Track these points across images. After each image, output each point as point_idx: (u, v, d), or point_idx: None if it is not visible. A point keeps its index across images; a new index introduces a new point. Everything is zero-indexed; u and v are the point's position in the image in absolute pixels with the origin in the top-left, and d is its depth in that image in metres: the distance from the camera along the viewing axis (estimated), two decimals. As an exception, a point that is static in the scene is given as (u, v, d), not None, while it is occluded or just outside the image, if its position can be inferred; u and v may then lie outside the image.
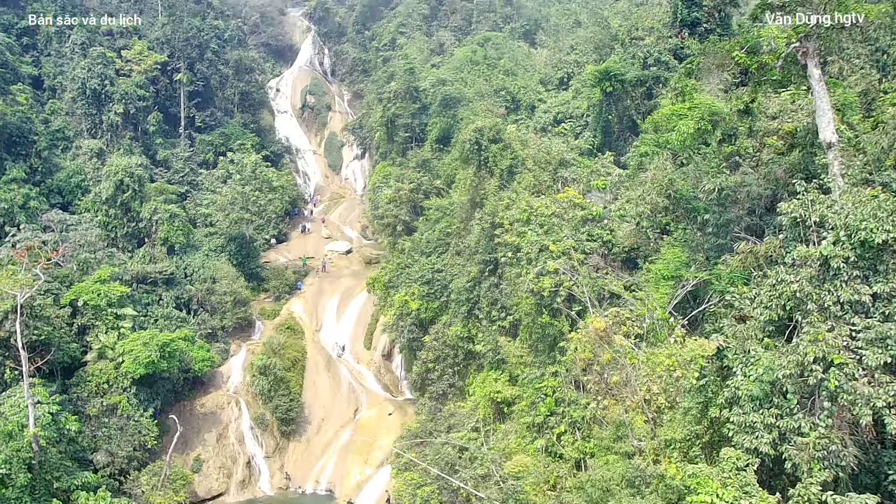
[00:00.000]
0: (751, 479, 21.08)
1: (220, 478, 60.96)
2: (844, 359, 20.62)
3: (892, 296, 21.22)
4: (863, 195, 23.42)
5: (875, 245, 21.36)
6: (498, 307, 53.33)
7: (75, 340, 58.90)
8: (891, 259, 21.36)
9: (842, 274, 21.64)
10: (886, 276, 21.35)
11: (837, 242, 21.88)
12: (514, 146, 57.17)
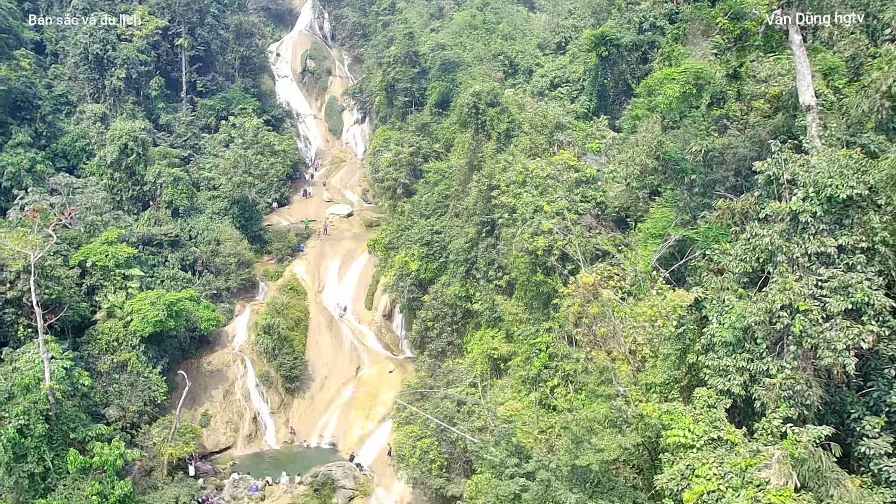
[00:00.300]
0: (720, 416, 22.89)
1: (227, 432, 63.28)
2: (809, 306, 22.27)
3: (856, 248, 22.81)
4: (834, 154, 24.86)
5: (840, 200, 22.89)
6: (495, 267, 54.93)
7: (85, 300, 60.67)
8: (855, 213, 22.91)
9: (810, 228, 23.21)
10: (850, 229, 22.91)
11: (806, 198, 23.41)
12: (511, 110, 58.28)
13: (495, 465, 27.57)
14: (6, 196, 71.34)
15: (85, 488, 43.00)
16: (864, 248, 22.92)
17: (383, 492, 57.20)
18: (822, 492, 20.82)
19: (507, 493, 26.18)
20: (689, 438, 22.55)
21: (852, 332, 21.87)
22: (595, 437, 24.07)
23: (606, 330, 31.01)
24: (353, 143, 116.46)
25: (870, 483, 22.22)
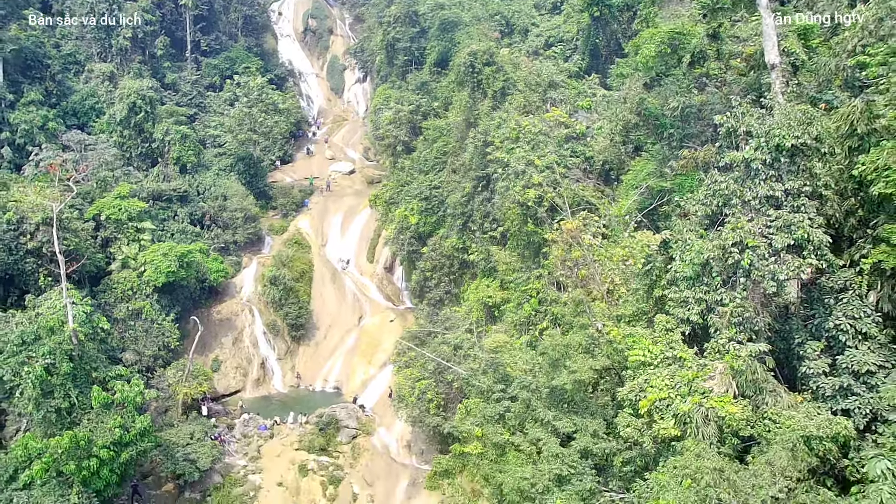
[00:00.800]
0: (676, 338, 25.91)
1: (236, 376, 66.85)
2: (758, 242, 25.06)
3: (800, 191, 25.53)
4: (789, 109, 27.48)
5: (787, 149, 25.55)
6: (490, 219, 57.84)
7: (100, 252, 63.74)
8: (800, 161, 25.59)
9: (760, 174, 25.90)
10: (796, 175, 25.60)
11: (758, 148, 26.07)
12: (506, 69, 60.59)
13: (483, 391, 30.72)
14: (20, 153, 73.92)
15: (108, 422, 46.31)
16: (808, 191, 25.73)
17: (384, 431, 60.84)
18: (759, 399, 23.91)
19: (493, 414, 29.38)
20: (648, 357, 25.59)
21: (793, 264, 24.71)
22: (569, 361, 27.17)
23: (586, 272, 33.95)
24: (355, 102, 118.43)
25: (809, 399, 25.26)
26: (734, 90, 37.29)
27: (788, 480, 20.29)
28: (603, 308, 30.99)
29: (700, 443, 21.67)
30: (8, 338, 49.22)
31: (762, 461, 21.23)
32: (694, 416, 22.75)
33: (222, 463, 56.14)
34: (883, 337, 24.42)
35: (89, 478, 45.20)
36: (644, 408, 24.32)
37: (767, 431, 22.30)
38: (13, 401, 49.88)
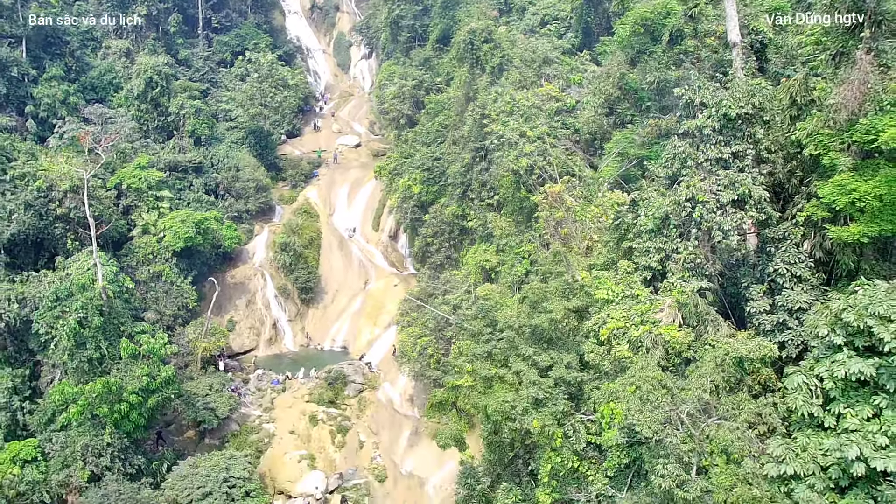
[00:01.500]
0: (635, 280, 29.90)
1: (250, 336, 71.33)
2: (707, 198, 28.90)
3: (745, 154, 29.33)
4: (740, 83, 31.23)
5: (733, 117, 29.34)
6: (487, 188, 61.70)
7: (122, 218, 67.89)
8: (745, 127, 29.36)
9: (711, 139, 29.67)
10: (741, 139, 29.37)
11: (710, 116, 29.85)
12: (503, 46, 64.09)
13: (474, 334, 34.88)
14: (43, 125, 77.84)
15: (136, 370, 50.86)
16: (752, 154, 29.49)
17: (389, 385, 65.32)
18: (701, 328, 27.89)
19: (482, 352, 33.56)
20: (610, 295, 29.56)
21: (737, 217, 28.57)
22: (547, 304, 31.19)
23: (568, 230, 37.95)
24: (361, 78, 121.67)
25: (752, 334, 29.20)
26: (706, 66, 40.87)
27: (714, 388, 24.36)
28: (580, 260, 34.90)
29: (646, 360, 25.70)
30: (43, 294, 53.72)
31: (695, 374, 25.27)
32: (644, 340, 26.78)
33: (238, 413, 60.79)
34: (814, 279, 28.31)
35: (120, 420, 49.86)
36: (604, 335, 28.36)
37: (705, 353, 26.36)
38: (48, 353, 54.61)
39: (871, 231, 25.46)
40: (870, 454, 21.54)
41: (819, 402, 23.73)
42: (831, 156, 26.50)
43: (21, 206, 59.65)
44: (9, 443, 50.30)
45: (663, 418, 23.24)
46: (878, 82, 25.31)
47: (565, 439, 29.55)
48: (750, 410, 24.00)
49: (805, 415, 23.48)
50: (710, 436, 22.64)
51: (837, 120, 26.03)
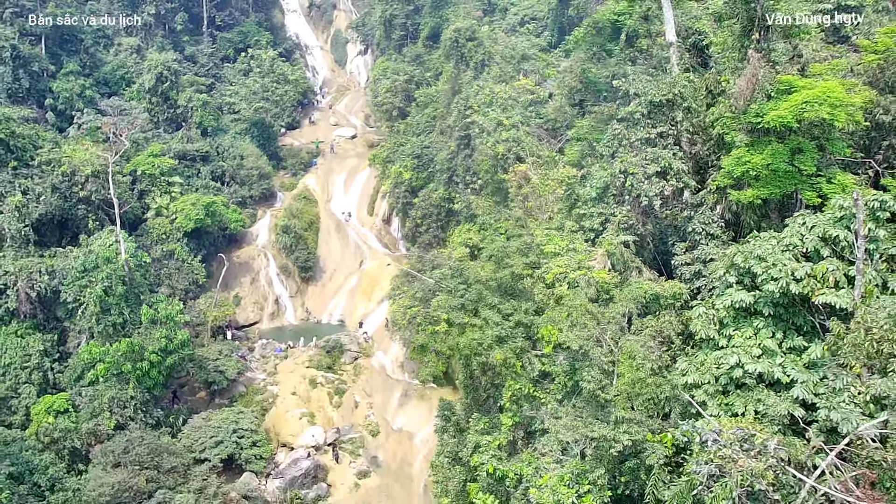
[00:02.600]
0: (578, 237, 36.23)
1: (254, 310, 77.65)
2: (636, 170, 35.16)
3: (668, 134, 35.56)
4: (671, 77, 37.49)
5: (656, 103, 35.60)
6: (471, 173, 67.99)
7: (137, 202, 74.07)
8: (667, 112, 35.64)
9: (640, 122, 35.90)
10: (664, 122, 35.62)
11: (640, 103, 36.07)
12: (486, 44, 70.40)
13: (450, 290, 41.15)
14: (61, 117, 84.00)
15: (155, 333, 57.16)
16: (673, 133, 35.73)
17: (382, 354, 71.65)
18: (627, 274, 34.14)
19: (456, 304, 39.85)
20: (556, 249, 35.81)
21: (659, 185, 34.79)
22: (509, 260, 37.45)
23: (533, 203, 44.29)
24: (357, 73, 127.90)
25: (677, 282, 35.41)
26: (654, 63, 47.17)
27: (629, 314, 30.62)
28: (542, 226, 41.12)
29: (578, 294, 31.91)
30: (71, 266, 59.98)
31: (617, 304, 31.45)
32: (580, 282, 32.97)
33: (245, 376, 67.15)
34: (724, 236, 34.47)
35: (141, 377, 56.19)
36: (549, 279, 34.56)
37: (626, 290, 32.55)
38: (74, 319, 60.90)
39: (762, 194, 31.73)
40: (746, 361, 27.79)
41: (716, 328, 29.98)
42: (732, 135, 32.73)
43: (48, 189, 65.83)
44: (42, 396, 56.56)
45: (588, 336, 29.48)
46: (766, 75, 31.55)
47: (523, 370, 35.93)
48: (653, 327, 30.23)
49: (704, 337, 29.69)
50: (621, 346, 28.90)
51: (737, 106, 32.28)
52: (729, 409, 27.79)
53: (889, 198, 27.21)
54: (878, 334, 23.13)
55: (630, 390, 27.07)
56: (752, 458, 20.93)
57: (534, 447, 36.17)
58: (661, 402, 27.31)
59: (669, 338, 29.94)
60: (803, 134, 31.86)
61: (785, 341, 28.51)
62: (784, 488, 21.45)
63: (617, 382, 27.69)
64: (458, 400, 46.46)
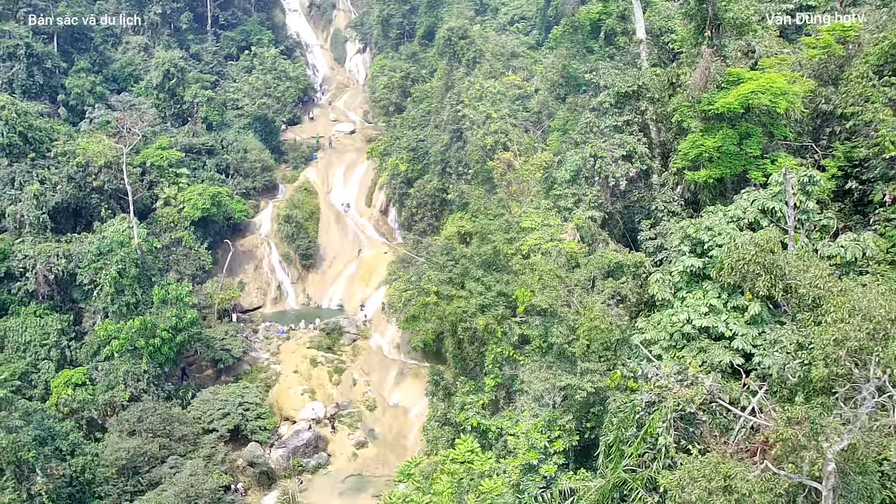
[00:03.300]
0: (552, 214, 40.19)
1: (258, 295, 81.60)
2: (605, 154, 39.07)
3: (633, 122, 39.47)
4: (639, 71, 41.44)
5: (623, 94, 39.51)
6: (463, 164, 71.81)
7: (147, 192, 77.97)
8: (633, 102, 39.56)
9: (608, 111, 39.84)
10: (630, 111, 39.55)
11: (608, 94, 39.99)
12: (477, 42, 74.28)
13: (440, 266, 45.16)
14: (73, 112, 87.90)
15: (166, 312, 61.12)
16: (638, 121, 39.65)
17: (378, 335, 75.59)
18: (594, 246, 38.06)
19: (445, 278, 43.87)
20: (532, 224, 39.74)
21: (625, 167, 38.72)
22: (492, 236, 41.35)
23: (516, 188, 48.26)
24: (356, 71, 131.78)
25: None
26: (629, 59, 51.09)
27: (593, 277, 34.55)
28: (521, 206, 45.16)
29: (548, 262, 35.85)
30: (87, 250, 63.94)
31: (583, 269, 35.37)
32: (552, 251, 36.93)
33: (249, 356, 71.15)
34: (684, 213, 38.42)
35: (154, 353, 60.16)
36: (525, 250, 38.53)
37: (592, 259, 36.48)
38: (90, 301, 64.88)
39: (714, 174, 35.66)
40: (694, 318, 31.68)
41: (671, 291, 33.90)
42: (689, 122, 36.67)
43: (63, 178, 69.83)
44: (61, 371, 60.53)
45: (556, 296, 33.39)
46: (717, 68, 35.46)
47: (504, 335, 39.91)
48: (612, 287, 34.14)
49: (661, 299, 33.61)
50: (583, 303, 32.82)
51: (692, 96, 36.20)
52: (680, 361, 31.77)
53: (817, 173, 31.17)
54: (746, 257, 27.25)
55: (587, 336, 30.96)
56: (685, 387, 24.83)
57: (513, 406, 40.21)
58: (612, 346, 31.19)
59: (626, 297, 33.91)
60: (751, 120, 35.82)
61: (729, 301, 32.47)
62: (714, 413, 25.33)
63: (578, 332, 31.56)
64: (447, 368, 50.44)
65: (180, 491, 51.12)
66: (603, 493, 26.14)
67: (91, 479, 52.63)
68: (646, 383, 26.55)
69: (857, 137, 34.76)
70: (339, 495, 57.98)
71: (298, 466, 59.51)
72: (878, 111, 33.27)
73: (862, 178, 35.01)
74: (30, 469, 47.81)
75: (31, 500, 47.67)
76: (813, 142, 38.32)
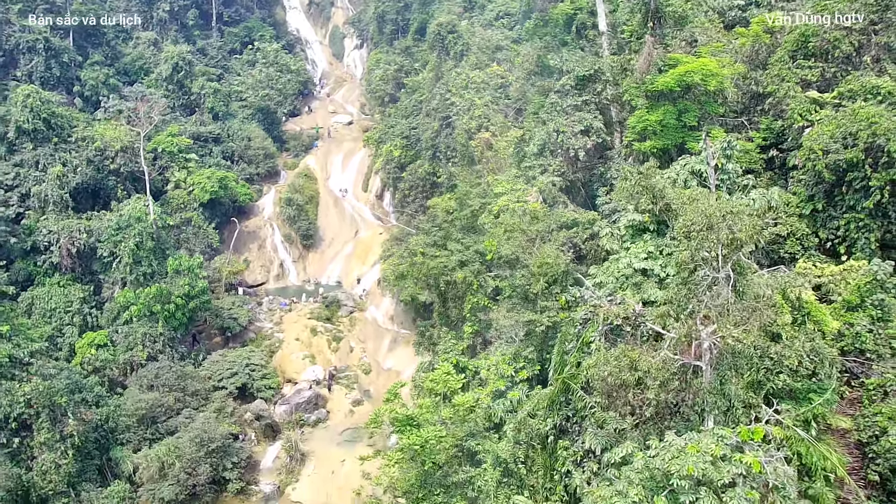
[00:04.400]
0: (520, 181, 46.32)
1: (262, 272, 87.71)
2: (566, 129, 45.12)
3: (590, 101, 45.56)
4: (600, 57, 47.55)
5: (581, 77, 45.62)
6: (451, 149, 77.92)
7: (159, 175, 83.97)
8: (590, 84, 45.65)
9: (570, 92, 45.91)
10: (588, 92, 45.64)
11: (570, 78, 46.06)
12: (465, 36, 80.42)
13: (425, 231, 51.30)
14: (87, 103, 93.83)
15: (179, 282, 67.19)
16: (595, 101, 45.72)
17: (374, 308, 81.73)
18: (555, 207, 44.10)
19: (430, 241, 49.99)
20: (503, 189, 45.81)
21: (583, 140, 44.79)
22: (469, 200, 47.44)
23: (494, 165, 54.39)
24: (353, 66, 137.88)
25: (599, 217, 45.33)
26: (595, 49, 57.14)
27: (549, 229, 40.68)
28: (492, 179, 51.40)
29: (512, 218, 41.92)
30: (106, 226, 70.00)
31: (542, 222, 41.45)
32: (517, 210, 42.99)
33: (254, 325, 77.28)
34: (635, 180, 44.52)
35: (168, 317, 66.23)
36: (495, 210, 44.66)
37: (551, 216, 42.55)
38: (109, 272, 70.86)
39: (658, 145, 41.71)
40: (634, 262, 37.71)
41: (619, 243, 39.97)
42: (636, 100, 42.76)
43: (83, 161, 75.88)
44: (84, 334, 66.61)
45: (518, 244, 39.47)
46: (659, 54, 41.53)
47: (480, 288, 46.04)
48: (563, 235, 40.18)
49: (610, 249, 39.71)
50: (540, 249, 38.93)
51: (638, 78, 42.27)
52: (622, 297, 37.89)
53: (735, 141, 37.26)
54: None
55: (540, 271, 37.00)
56: (615, 306, 30.89)
57: (488, 351, 46.37)
58: (559, 279, 37.22)
59: (577, 244, 40.02)
60: (689, 99, 41.94)
61: (665, 248, 38.60)
62: (637, 327, 31.31)
63: (533, 268, 37.61)
64: (431, 323, 56.65)
65: (195, 436, 57.19)
66: (552, 397, 32.17)
67: (114, 428, 58.68)
68: (584, 305, 32.56)
69: (775, 112, 40.86)
70: (337, 445, 64.01)
71: (300, 420, 65.57)
72: (791, 89, 39.37)
73: (781, 148, 41.14)
74: (62, 413, 53.75)
75: (64, 441, 53.60)
76: (746, 118, 44.44)
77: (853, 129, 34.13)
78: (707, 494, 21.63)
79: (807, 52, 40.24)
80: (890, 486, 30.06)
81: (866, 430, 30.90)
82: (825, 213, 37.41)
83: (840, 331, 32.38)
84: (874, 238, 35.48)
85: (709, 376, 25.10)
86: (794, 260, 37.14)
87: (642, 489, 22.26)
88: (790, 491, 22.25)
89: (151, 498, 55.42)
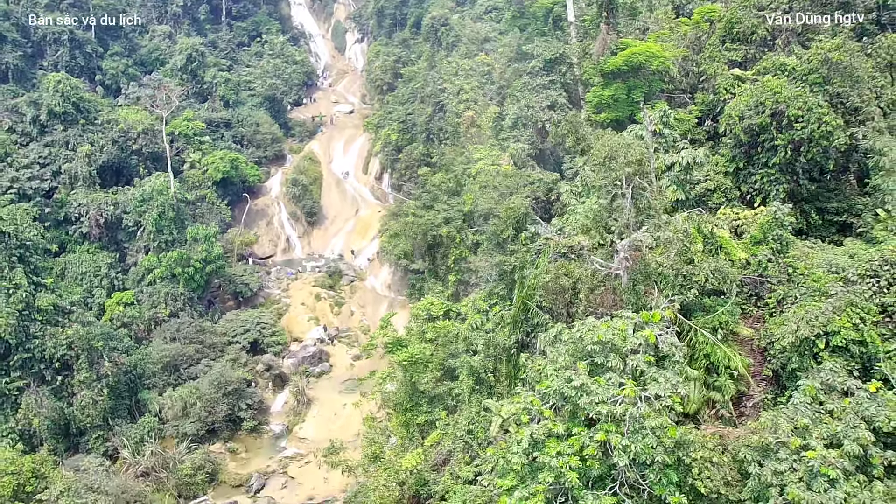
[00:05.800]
0: (496, 149, 53.88)
1: (270, 247, 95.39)
2: (534, 104, 52.60)
3: (556, 81, 53.19)
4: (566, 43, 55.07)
5: (549, 60, 53.13)
6: (443, 131, 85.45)
7: (175, 156, 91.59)
8: (557, 67, 53.18)
9: (539, 73, 53.38)
10: (555, 73, 53.14)
11: (538, 61, 53.59)
12: (456, 28, 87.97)
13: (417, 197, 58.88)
14: (108, 90, 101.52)
15: (197, 248, 74.86)
16: (560, 80, 53.20)
17: (373, 277, 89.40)
18: (525, 170, 51.64)
19: (419, 204, 57.58)
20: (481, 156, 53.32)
21: (546, 115, 52.40)
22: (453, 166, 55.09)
23: (477, 138, 62.00)
24: (355, 59, 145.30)
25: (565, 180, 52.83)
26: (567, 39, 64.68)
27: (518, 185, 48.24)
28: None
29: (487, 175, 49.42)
30: (131, 198, 77.69)
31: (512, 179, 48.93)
32: (491, 171, 50.49)
33: (264, 291, 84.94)
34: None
35: (188, 280, 73.92)
36: (474, 172, 52.25)
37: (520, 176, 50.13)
38: (133, 241, 78.54)
39: (611, 116, 49.18)
40: (587, 212, 45.29)
41: (576, 198, 47.51)
42: (593, 79, 50.31)
43: (108, 142, 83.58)
44: (113, 294, 74.33)
45: (491, 198, 47.01)
46: (612, 40, 49.06)
47: (461, 241, 53.68)
48: (528, 189, 47.72)
49: (568, 202, 47.23)
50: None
51: (595, 60, 49.82)
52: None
53: (670, 111, 44.73)
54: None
55: (506, 215, 44.57)
56: (563, 238, 38.47)
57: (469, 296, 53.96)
58: (521, 220, 44.73)
59: (539, 197, 47.65)
60: (638, 77, 49.48)
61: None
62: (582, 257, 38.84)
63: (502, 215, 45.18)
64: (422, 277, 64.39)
65: (213, 380, 64.93)
66: (514, 315, 39.75)
67: (142, 374, 66.38)
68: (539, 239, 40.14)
69: (710, 88, 48.40)
70: (339, 393, 71.63)
71: (306, 372, 73.26)
72: (720, 67, 46.90)
73: (714, 119, 48.69)
74: (98, 356, 61.41)
75: (100, 381, 61.25)
76: (689, 95, 51.95)
77: (762, 98, 41.64)
78: (615, 357, 29.18)
79: (733, 37, 47.75)
80: (781, 380, 37.63)
81: (765, 338, 38.49)
82: (745, 170, 44.90)
83: (748, 260, 39.97)
84: (783, 189, 42.98)
85: (625, 280, 32.69)
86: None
87: (568, 356, 29.78)
88: (677, 357, 29.77)
89: (175, 433, 63.16)
